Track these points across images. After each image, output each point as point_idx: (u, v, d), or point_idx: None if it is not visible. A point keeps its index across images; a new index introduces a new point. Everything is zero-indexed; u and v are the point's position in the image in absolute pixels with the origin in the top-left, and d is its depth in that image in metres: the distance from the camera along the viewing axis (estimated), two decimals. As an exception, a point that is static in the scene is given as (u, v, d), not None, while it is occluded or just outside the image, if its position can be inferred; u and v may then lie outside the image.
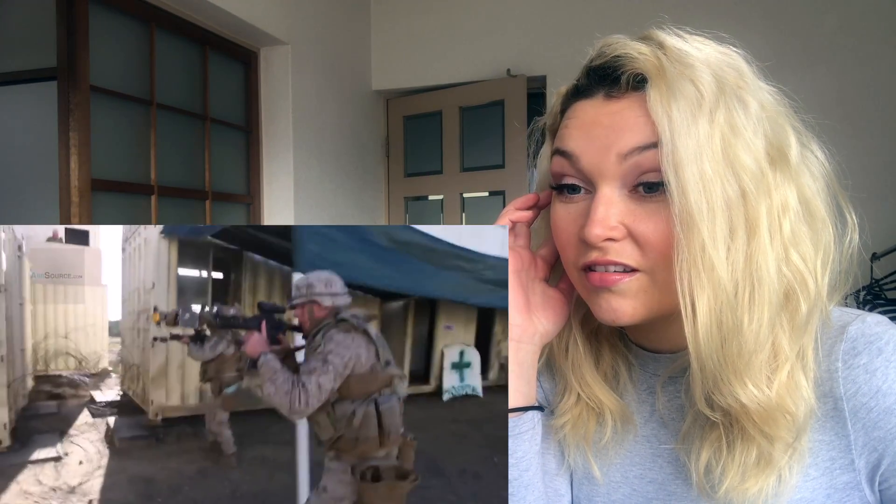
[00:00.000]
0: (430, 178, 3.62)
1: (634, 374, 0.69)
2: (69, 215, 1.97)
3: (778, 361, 0.55)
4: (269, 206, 2.85)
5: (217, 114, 2.62)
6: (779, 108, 0.58)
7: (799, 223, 0.56)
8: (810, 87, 1.65)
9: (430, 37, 3.48)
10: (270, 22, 2.66)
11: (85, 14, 1.99)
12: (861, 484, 0.57)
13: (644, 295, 0.58)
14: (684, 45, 0.57)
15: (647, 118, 0.54)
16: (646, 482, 0.66)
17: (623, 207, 0.56)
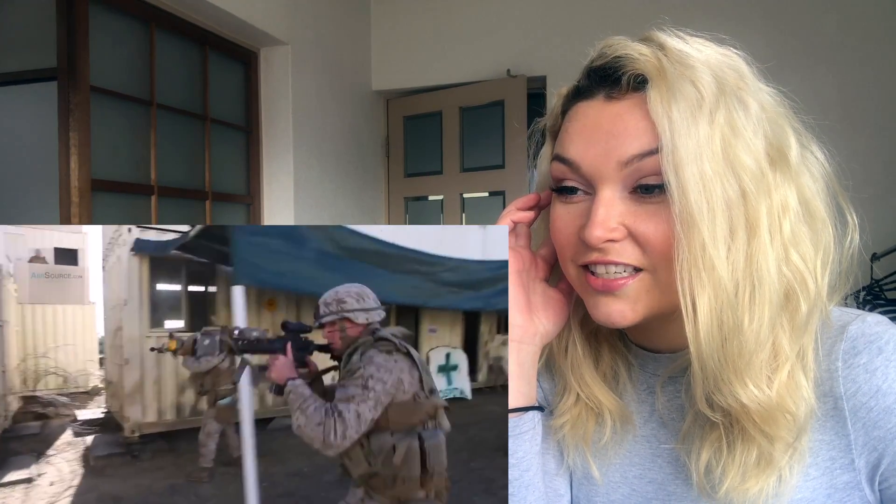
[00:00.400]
0: (430, 179, 3.61)
1: (634, 374, 0.69)
2: (69, 215, 1.97)
3: (778, 361, 0.56)
4: (269, 206, 2.85)
5: (217, 114, 2.62)
6: (779, 108, 0.58)
7: (799, 223, 0.56)
8: (810, 88, 1.65)
9: (430, 37, 3.48)
10: (270, 22, 2.66)
11: (85, 14, 1.99)
12: (861, 483, 0.57)
13: (646, 295, 0.58)
14: (685, 46, 0.57)
15: (647, 122, 0.54)
16: (645, 482, 0.66)
17: (623, 208, 0.56)
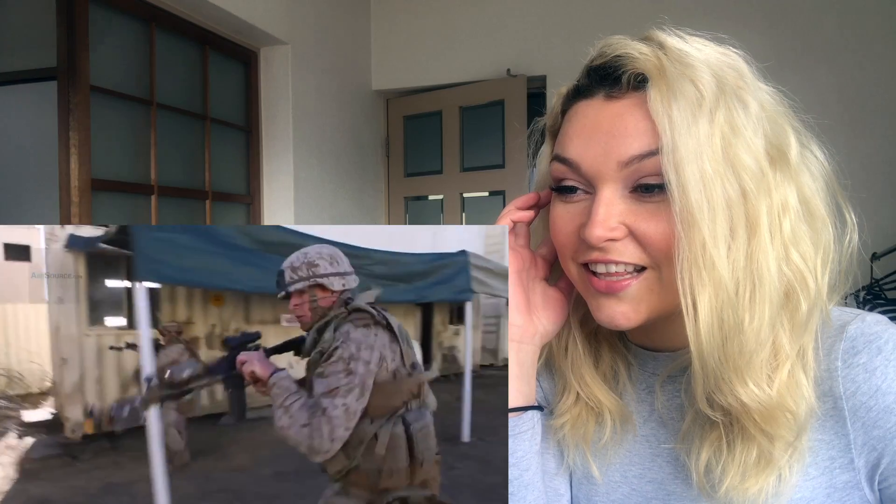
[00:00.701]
0: (430, 178, 3.62)
1: (633, 374, 0.69)
2: (69, 215, 1.97)
3: (778, 360, 0.56)
4: (269, 206, 2.85)
5: (217, 114, 2.62)
6: (778, 108, 0.58)
7: (799, 222, 0.56)
8: (810, 87, 1.65)
9: (430, 37, 3.48)
10: (270, 22, 2.66)
11: (85, 14, 1.99)
12: (861, 483, 0.57)
13: (649, 296, 0.58)
14: (685, 45, 0.57)
15: (647, 122, 0.54)
16: (645, 482, 0.66)
17: (624, 207, 0.56)
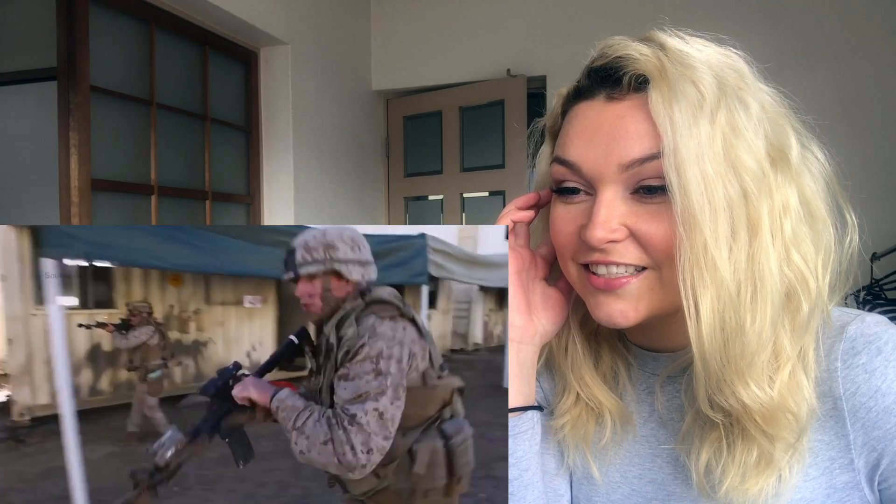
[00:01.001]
0: (430, 178, 3.61)
1: (633, 374, 0.69)
2: (69, 215, 1.97)
3: (779, 361, 0.56)
4: (269, 206, 2.85)
5: (217, 114, 2.62)
6: (779, 108, 0.58)
7: (800, 223, 0.56)
8: (810, 88, 1.65)
9: (430, 37, 3.48)
10: (270, 22, 2.66)
11: (85, 14, 1.99)
12: (861, 483, 0.57)
13: (648, 294, 0.58)
14: (685, 46, 0.57)
15: (648, 125, 0.54)
16: (645, 482, 0.66)
17: (625, 209, 0.56)
